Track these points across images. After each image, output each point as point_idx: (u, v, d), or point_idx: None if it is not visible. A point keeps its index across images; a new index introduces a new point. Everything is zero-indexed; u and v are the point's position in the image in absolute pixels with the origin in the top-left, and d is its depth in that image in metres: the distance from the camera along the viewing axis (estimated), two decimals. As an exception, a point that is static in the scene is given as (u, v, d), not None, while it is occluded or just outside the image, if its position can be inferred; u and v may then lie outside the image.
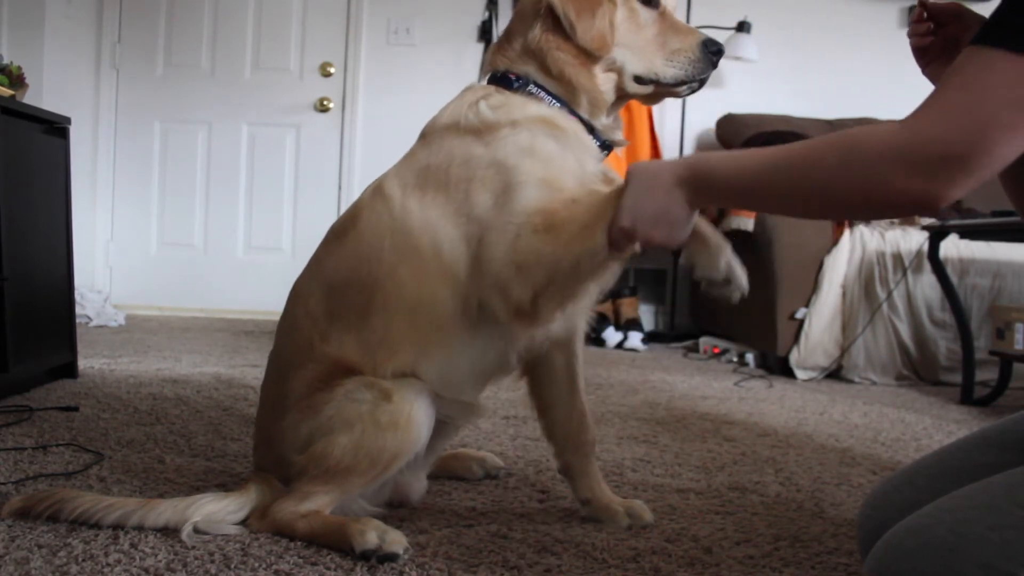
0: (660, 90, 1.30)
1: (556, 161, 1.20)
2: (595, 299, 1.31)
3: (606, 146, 1.30)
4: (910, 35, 1.18)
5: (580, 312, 1.31)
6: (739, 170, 1.02)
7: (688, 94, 1.30)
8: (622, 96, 1.32)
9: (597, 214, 1.11)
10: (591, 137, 1.27)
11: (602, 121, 1.30)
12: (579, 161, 1.23)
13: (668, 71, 1.27)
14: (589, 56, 1.25)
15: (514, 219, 1.15)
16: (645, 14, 1.27)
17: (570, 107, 1.27)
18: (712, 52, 1.26)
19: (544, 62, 1.26)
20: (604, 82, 1.28)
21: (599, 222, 1.10)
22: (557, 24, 1.25)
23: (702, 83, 1.29)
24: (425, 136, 1.29)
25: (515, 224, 1.14)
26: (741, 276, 1.15)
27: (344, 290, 1.26)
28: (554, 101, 1.26)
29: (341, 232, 1.31)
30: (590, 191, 1.18)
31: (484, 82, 1.32)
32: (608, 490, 1.39)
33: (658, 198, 1.06)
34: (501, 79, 1.29)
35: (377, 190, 1.28)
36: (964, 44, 0.89)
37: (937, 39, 1.15)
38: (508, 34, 1.33)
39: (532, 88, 1.26)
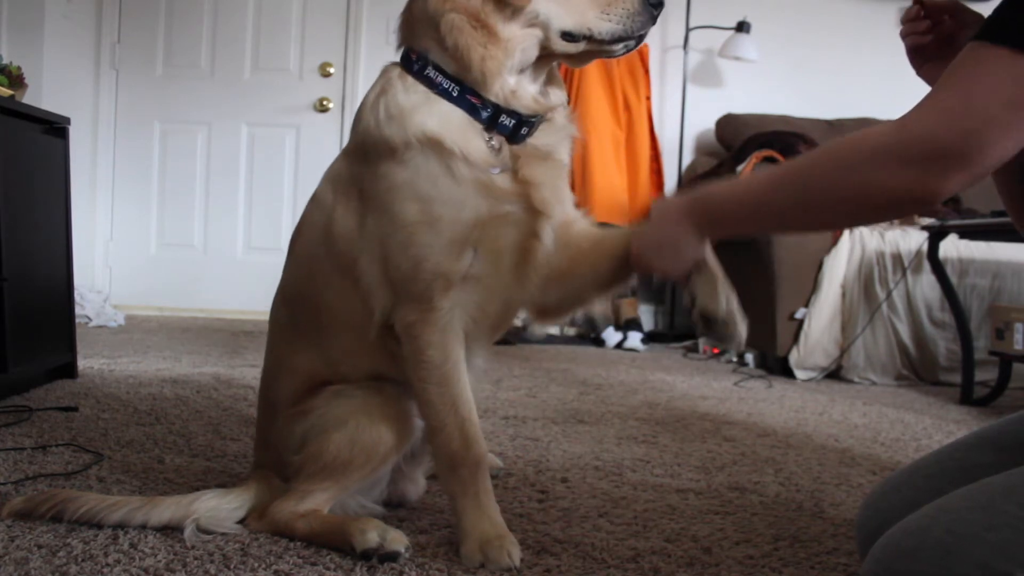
0: (592, 47, 1.15)
1: (453, 193, 1.11)
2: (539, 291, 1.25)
3: (526, 122, 1.15)
4: (904, 35, 1.17)
5: (524, 304, 1.26)
6: (742, 194, 1.04)
7: (623, 53, 1.16)
8: (548, 55, 1.17)
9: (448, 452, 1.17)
10: (485, 144, 1.14)
11: (512, 90, 1.14)
12: (474, 188, 1.12)
13: (603, 26, 1.12)
14: (503, 9, 1.10)
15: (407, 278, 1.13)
16: None
17: (471, 88, 1.13)
18: (652, 4, 1.12)
19: (439, 30, 1.11)
20: (525, 40, 1.13)
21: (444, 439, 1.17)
22: None
23: (640, 40, 1.15)
24: (351, 137, 1.23)
25: (408, 285, 1.13)
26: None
27: (297, 302, 1.28)
28: (453, 86, 1.12)
29: (292, 243, 1.31)
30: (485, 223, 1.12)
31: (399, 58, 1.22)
32: None
33: (666, 228, 1.09)
34: (405, 58, 1.18)
35: (315, 193, 1.27)
36: (961, 43, 0.89)
37: (933, 39, 1.15)
38: (410, 11, 1.19)
39: (430, 72, 1.14)
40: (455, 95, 1.14)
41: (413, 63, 1.17)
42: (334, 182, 1.23)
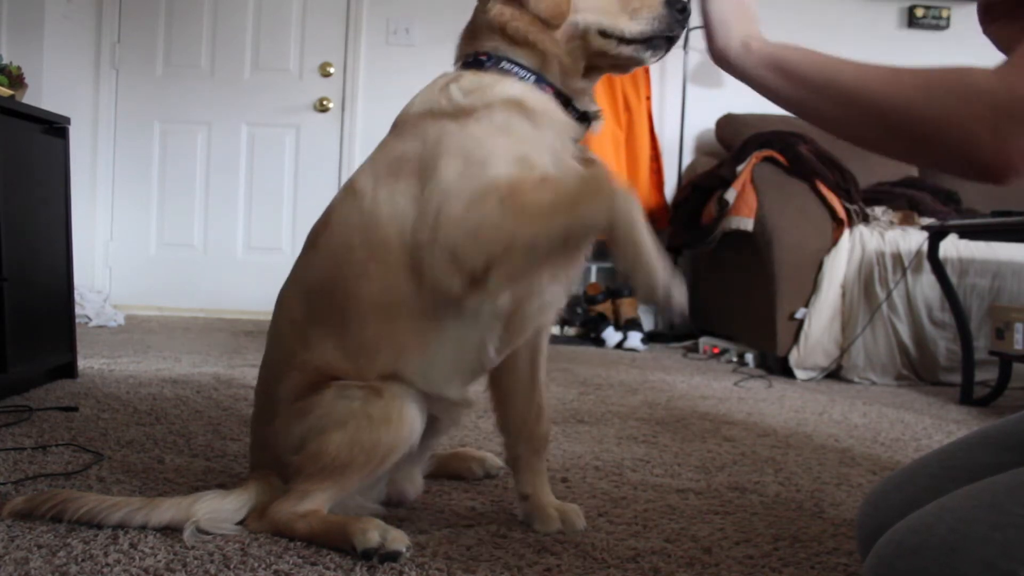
0: (625, 51, 1.25)
1: (530, 141, 1.18)
2: (564, 295, 1.27)
3: (584, 118, 1.27)
4: None
5: (549, 308, 1.27)
6: (822, 57, 0.95)
7: (655, 61, 1.26)
8: (592, 64, 1.28)
9: (565, 201, 1.08)
10: (565, 113, 1.24)
11: (578, 85, 1.26)
12: (555, 141, 1.21)
13: (632, 27, 1.23)
14: (547, 24, 1.23)
15: (478, 185, 1.12)
16: None
17: (544, 77, 1.24)
18: (677, 10, 1.23)
19: (507, 33, 1.24)
20: (571, 42, 1.24)
21: (565, 210, 1.07)
22: None
23: (670, 43, 1.25)
24: (397, 126, 1.27)
25: (478, 190, 1.11)
26: (681, 297, 1.08)
27: (321, 294, 1.26)
28: (528, 75, 1.23)
29: (315, 236, 1.30)
30: (564, 172, 1.16)
31: (457, 67, 1.30)
32: (550, 492, 1.36)
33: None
34: (473, 62, 1.26)
35: (348, 187, 1.27)
36: None
37: None
38: (471, 21, 1.31)
39: (504, 65, 1.24)
40: (532, 81, 1.24)
41: (484, 61, 1.25)
42: (375, 173, 1.24)
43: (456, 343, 1.21)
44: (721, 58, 1.04)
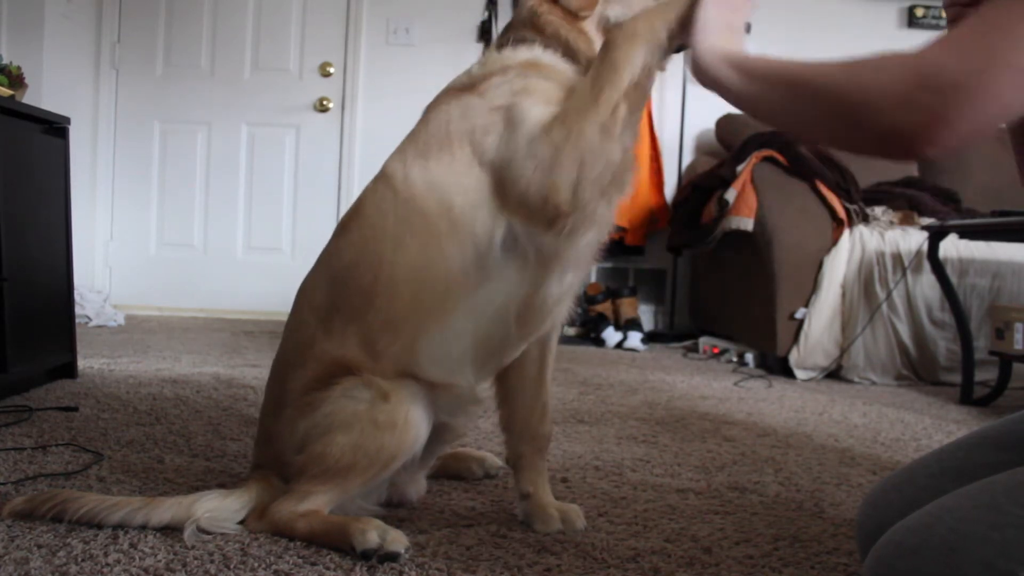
0: None
1: (552, 92, 1.21)
2: (579, 287, 1.30)
3: None
4: None
5: (562, 302, 1.29)
6: (780, 59, 0.99)
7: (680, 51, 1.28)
8: None
9: (601, 79, 1.13)
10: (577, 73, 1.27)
11: None
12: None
13: None
14: (576, 15, 1.27)
15: (528, 134, 1.16)
16: None
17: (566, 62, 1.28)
18: None
19: (539, 26, 1.28)
20: (597, 40, 1.28)
21: (605, 83, 1.13)
22: None
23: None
24: (425, 113, 1.30)
25: (531, 137, 1.15)
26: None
27: (349, 275, 1.25)
28: (558, 61, 1.27)
29: (346, 223, 1.31)
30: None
31: None
32: (550, 491, 1.37)
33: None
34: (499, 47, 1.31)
35: (379, 175, 1.29)
36: None
37: None
38: (509, 23, 1.36)
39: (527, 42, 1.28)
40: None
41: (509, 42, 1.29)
42: (404, 156, 1.26)
43: (480, 313, 1.21)
44: (694, 62, 1.07)
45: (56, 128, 2.36)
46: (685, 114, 4.60)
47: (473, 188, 1.19)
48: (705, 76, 1.05)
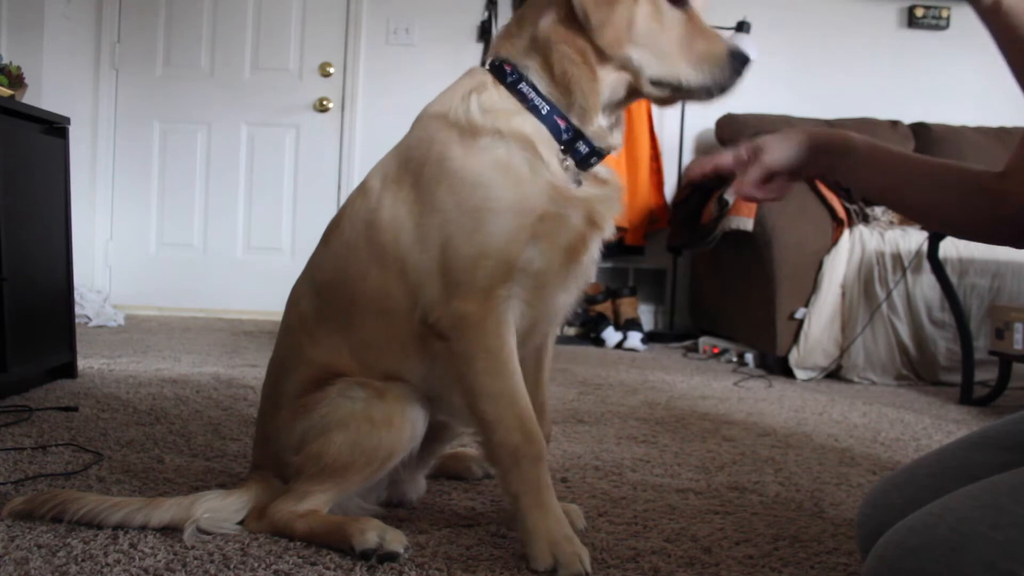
0: (678, 95, 1.23)
1: (526, 185, 1.16)
2: (574, 304, 1.28)
3: (597, 152, 1.23)
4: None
5: (559, 311, 1.28)
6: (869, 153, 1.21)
7: (706, 99, 1.22)
8: (633, 95, 1.24)
9: (508, 425, 1.15)
10: (567, 157, 1.21)
11: (597, 125, 1.21)
12: (539, 189, 1.17)
13: (694, 77, 1.18)
14: (600, 54, 1.17)
15: (456, 274, 1.14)
16: (671, 14, 1.18)
17: (560, 111, 1.20)
18: (739, 63, 1.19)
19: (548, 57, 1.18)
20: (615, 82, 1.20)
21: (503, 429, 1.15)
22: (571, 15, 1.16)
23: (723, 92, 1.21)
24: (417, 121, 1.27)
25: (456, 282, 1.14)
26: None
27: (329, 292, 1.27)
28: (544, 104, 1.19)
29: (328, 232, 1.31)
30: (563, 207, 1.17)
31: (486, 66, 1.27)
32: None
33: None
34: (498, 68, 1.23)
35: (361, 185, 1.28)
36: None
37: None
38: (520, 19, 1.25)
39: (523, 87, 1.20)
40: (544, 113, 1.20)
41: (507, 74, 1.21)
42: (384, 172, 1.24)
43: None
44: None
45: (56, 128, 2.36)
46: (685, 114, 4.60)
47: (415, 241, 1.18)
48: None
